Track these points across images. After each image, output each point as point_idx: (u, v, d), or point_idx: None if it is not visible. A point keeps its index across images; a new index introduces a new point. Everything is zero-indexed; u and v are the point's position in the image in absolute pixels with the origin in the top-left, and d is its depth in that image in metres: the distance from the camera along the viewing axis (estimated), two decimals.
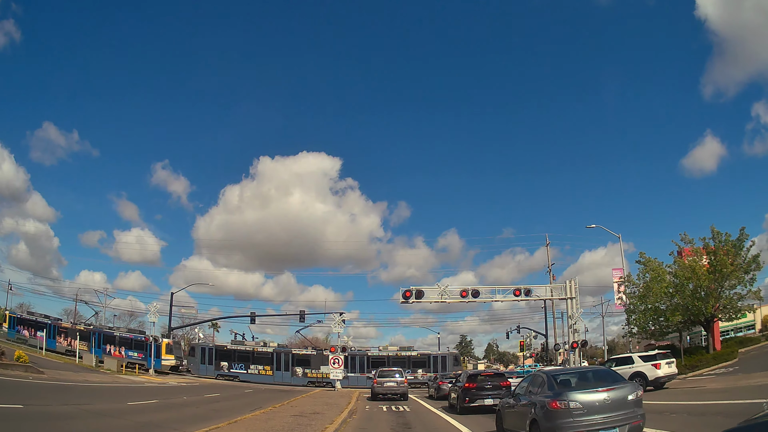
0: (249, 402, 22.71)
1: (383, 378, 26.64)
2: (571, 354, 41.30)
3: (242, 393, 31.08)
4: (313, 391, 33.84)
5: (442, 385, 27.25)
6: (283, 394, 30.29)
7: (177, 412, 17.31)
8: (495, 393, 18.55)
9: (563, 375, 10.05)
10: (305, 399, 24.12)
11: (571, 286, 41.12)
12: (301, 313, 58.98)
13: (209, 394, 27.53)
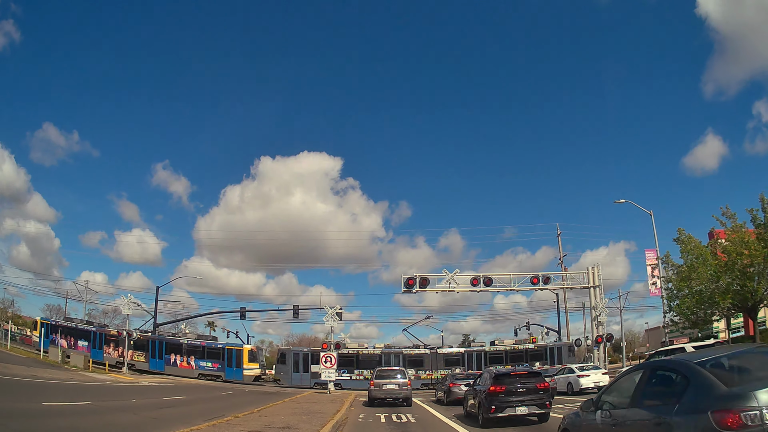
0: (212, 408, 18.08)
1: (382, 379, 22.10)
2: (595, 349, 36.73)
3: (216, 396, 26.46)
4: (302, 394, 29.09)
5: (453, 388, 22.53)
6: (266, 397, 25.66)
7: (96, 418, 13.63)
8: (530, 399, 13.92)
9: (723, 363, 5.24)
10: (284, 405, 19.40)
11: (594, 274, 36.60)
12: (295, 308, 54.72)
13: (171, 397, 22.98)
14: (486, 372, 16.07)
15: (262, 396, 27.27)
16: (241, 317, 56.74)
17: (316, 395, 27.70)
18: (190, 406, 19.37)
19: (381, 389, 21.58)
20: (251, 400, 22.93)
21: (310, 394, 28.28)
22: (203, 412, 16.50)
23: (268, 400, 22.63)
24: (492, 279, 33.24)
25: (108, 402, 18.59)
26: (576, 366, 29.38)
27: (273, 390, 34.27)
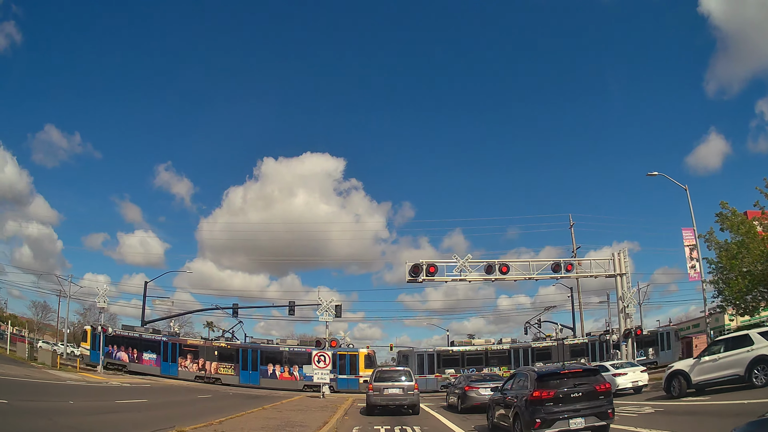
0: (165, 416, 14.21)
1: (383, 382, 18.14)
2: (623, 345, 32.63)
3: (187, 401, 22.52)
4: (291, 398, 25.05)
5: (470, 392, 18.46)
6: (247, 402, 21.72)
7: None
8: (588, 407, 9.97)
9: None
10: (258, 414, 15.39)
11: (621, 260, 32.48)
12: (291, 303, 50.85)
13: (129, 400, 19.16)
14: (523, 372, 11.91)
15: (245, 401, 23.30)
16: (234, 314, 53.19)
17: (307, 400, 23.65)
18: (140, 413, 15.61)
19: (382, 394, 17.56)
20: (224, 406, 18.95)
21: (300, 399, 24.23)
22: (148, 421, 12.91)
23: (247, 406, 18.65)
24: (509, 266, 29.12)
25: (35, 402, 15.32)
26: (610, 363, 25.35)
27: (280, 394, 30.30)
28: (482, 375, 22.24)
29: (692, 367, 17.26)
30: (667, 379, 18.23)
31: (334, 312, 28.84)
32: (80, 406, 15.85)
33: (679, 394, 17.46)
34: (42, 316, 73.25)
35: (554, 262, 31.07)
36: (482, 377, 20.21)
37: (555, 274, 31.19)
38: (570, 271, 31.52)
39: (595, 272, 32.84)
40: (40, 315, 72.98)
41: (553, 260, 31.27)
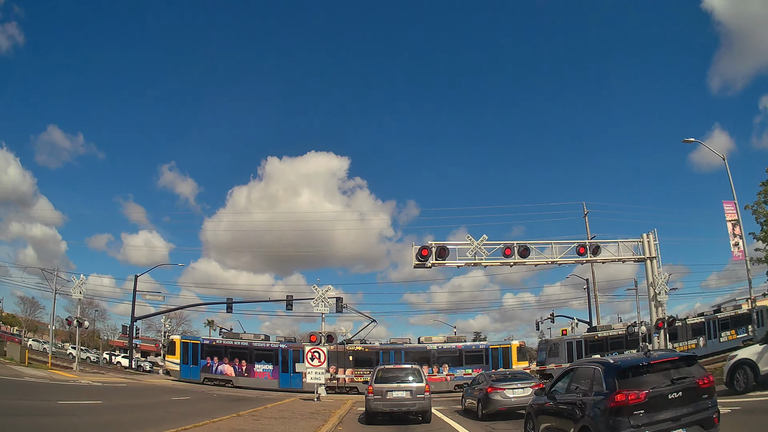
0: (99, 423, 10.74)
1: (385, 383, 14.68)
2: (655, 336, 29.10)
3: (156, 404, 19.08)
4: (277, 403, 21.57)
5: (493, 395, 14.96)
6: (224, 406, 18.36)
7: None
8: (692, 413, 6.67)
9: None
10: (226, 425, 11.94)
11: (650, 242, 28.88)
12: (288, 298, 47.49)
13: (80, 401, 15.78)
14: (589, 365, 8.26)
15: (225, 404, 19.95)
16: (228, 310, 50.21)
17: (298, 404, 20.18)
18: (75, 416, 12.57)
19: (384, 398, 14.09)
20: (192, 412, 15.51)
21: (290, 403, 20.74)
22: (73, 427, 9.43)
23: (221, 411, 15.27)
24: (529, 248, 25.51)
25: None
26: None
27: (274, 396, 26.90)
28: (505, 373, 18.62)
29: (760, 355, 14.24)
30: (731, 370, 15.00)
31: (330, 303, 25.42)
32: (8, 404, 12.56)
33: (745, 388, 14.36)
34: (30, 312, 70.37)
35: (579, 244, 27.46)
36: (506, 376, 16.66)
37: (580, 258, 27.59)
38: (596, 254, 27.89)
39: (623, 256, 29.19)
40: (29, 311, 70.08)
41: (578, 242, 27.63)
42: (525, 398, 15.00)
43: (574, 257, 27.63)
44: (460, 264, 25.09)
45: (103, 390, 23.74)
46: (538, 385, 15.54)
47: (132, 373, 45.54)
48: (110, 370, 45.68)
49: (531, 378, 16.11)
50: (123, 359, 56.67)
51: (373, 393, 14.26)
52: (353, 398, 24.94)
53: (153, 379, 40.07)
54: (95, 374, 34.88)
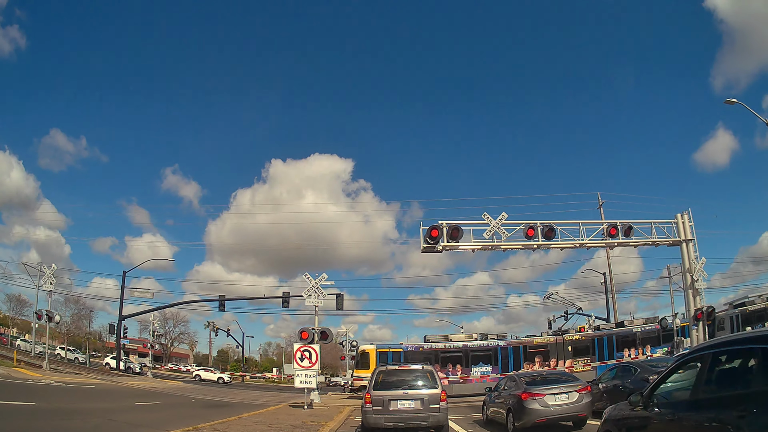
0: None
1: (389, 390, 11.17)
2: (694, 329, 25.69)
3: (114, 409, 15.67)
4: (260, 411, 18.17)
5: (529, 402, 11.50)
6: (209, 412, 14.98)
7: None
8: None
9: None
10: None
11: (685, 224, 25.42)
12: (285, 295, 44.10)
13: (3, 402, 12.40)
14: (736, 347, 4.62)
15: (198, 411, 16.57)
16: (220, 307, 47.12)
17: (281, 413, 16.73)
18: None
19: (387, 410, 10.62)
20: (138, 423, 12.07)
21: (272, 412, 17.28)
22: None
23: (176, 422, 11.84)
24: (554, 229, 22.05)
25: None
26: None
27: (265, 401, 23.58)
28: (540, 374, 15.01)
29: None
30: None
31: (324, 293, 22.00)
32: None
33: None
34: (17, 311, 67.26)
35: (609, 224, 24.01)
36: (543, 377, 13.15)
37: (611, 240, 24.15)
38: (629, 235, 24.42)
39: (657, 239, 25.66)
40: (15, 309, 66.95)
41: (608, 222, 24.14)
42: (570, 406, 11.63)
43: (604, 240, 24.21)
44: (476, 246, 21.64)
45: (59, 391, 20.77)
46: (586, 387, 12.12)
47: (118, 374, 42.35)
48: (93, 371, 42.44)
49: (574, 379, 12.67)
50: (112, 360, 53.64)
51: (371, 403, 10.77)
52: (354, 404, 21.55)
53: (137, 381, 36.88)
54: (68, 374, 31.78)
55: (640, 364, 14.21)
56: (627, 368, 14.55)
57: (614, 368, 15.34)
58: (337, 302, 39.44)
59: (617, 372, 14.77)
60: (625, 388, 13.51)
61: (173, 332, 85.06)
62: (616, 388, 13.95)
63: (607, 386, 14.39)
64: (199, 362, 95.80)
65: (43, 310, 31.62)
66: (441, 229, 20.65)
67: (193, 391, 31.84)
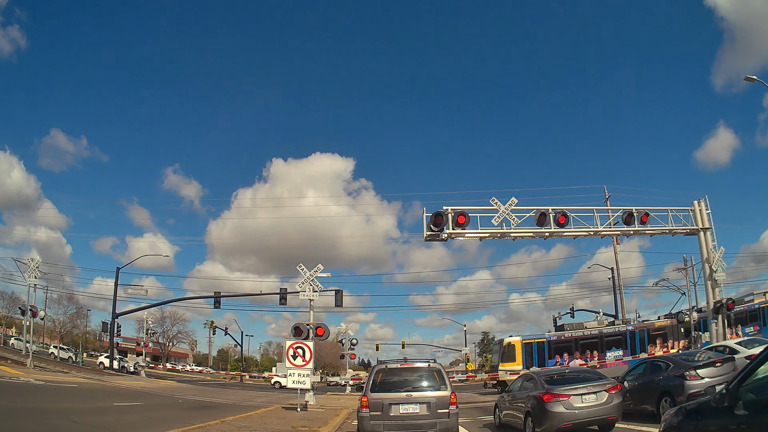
0: None
1: (388, 393, 9.52)
2: (713, 322, 24.23)
3: (91, 409, 14.16)
4: (255, 412, 16.62)
5: (552, 404, 9.95)
6: (189, 415, 13.43)
7: None
8: None
9: None
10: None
11: (702, 211, 23.87)
12: (282, 291, 42.56)
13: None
14: None
15: (170, 414, 15.01)
16: (216, 305, 45.55)
17: (269, 417, 15.15)
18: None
19: (387, 416, 9.00)
20: (105, 426, 10.54)
21: (260, 415, 15.70)
22: None
23: (146, 428, 10.27)
24: (567, 216, 20.46)
25: None
26: (737, 342, 17.05)
27: (259, 402, 22.04)
28: (561, 372, 13.31)
29: None
30: None
31: (320, 286, 20.44)
32: None
33: None
34: (10, 309, 65.66)
35: (625, 211, 22.41)
36: (565, 376, 11.54)
37: (626, 228, 22.57)
38: (645, 223, 22.84)
39: (674, 227, 24.08)
40: (8, 308, 65.39)
41: (624, 209, 22.54)
42: (599, 408, 10.06)
43: (620, 227, 22.63)
44: (483, 234, 20.04)
45: (34, 389, 19.53)
46: (615, 386, 10.54)
47: (111, 374, 40.88)
48: (84, 370, 40.99)
49: (601, 377, 11.08)
50: (106, 359, 52.18)
51: (369, 407, 9.21)
52: (353, 406, 19.98)
53: (127, 380, 35.38)
54: (53, 373, 30.41)
55: (672, 359, 12.56)
56: (656, 363, 12.94)
57: (641, 363, 13.72)
58: (336, 298, 37.92)
59: (645, 368, 13.13)
60: (656, 387, 11.94)
61: (171, 331, 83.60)
62: (644, 387, 12.33)
63: (633, 384, 12.77)
64: (198, 362, 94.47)
65: (27, 305, 30.14)
66: (446, 216, 19.05)
67: (185, 391, 30.34)
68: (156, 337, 76.71)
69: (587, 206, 21.96)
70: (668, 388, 11.49)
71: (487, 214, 20.05)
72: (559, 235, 21.00)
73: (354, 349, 46.50)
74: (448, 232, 19.12)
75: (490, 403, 18.18)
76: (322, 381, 58.87)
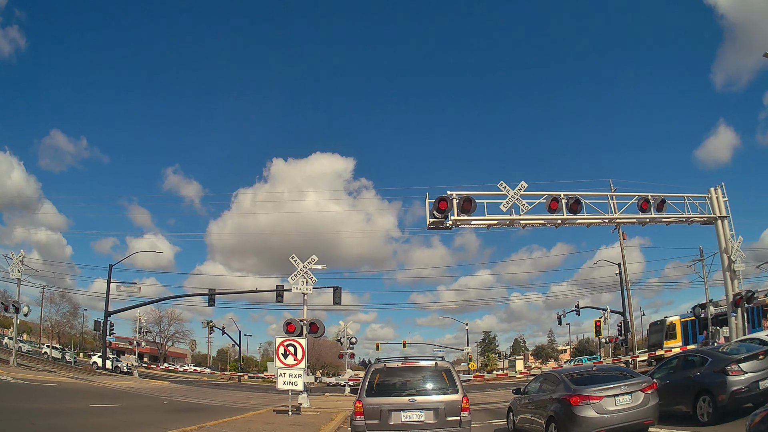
0: None
1: (387, 397, 7.99)
2: (732, 316, 22.72)
3: (55, 411, 12.72)
4: (242, 416, 15.13)
5: (582, 407, 8.44)
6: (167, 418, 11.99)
7: None
8: None
9: None
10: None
11: (719, 199, 22.44)
12: (279, 288, 41.13)
13: None
14: None
15: (149, 417, 13.55)
16: (210, 302, 44.17)
17: (256, 422, 13.67)
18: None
19: (386, 425, 7.51)
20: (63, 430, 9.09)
21: (246, 420, 14.21)
22: None
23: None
24: (581, 201, 18.97)
25: None
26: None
27: (254, 404, 20.62)
28: (588, 369, 11.67)
29: None
30: None
31: (314, 279, 18.96)
32: None
33: None
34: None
35: (641, 197, 20.88)
36: (597, 374, 9.99)
37: (642, 215, 21.05)
38: (662, 209, 21.32)
39: (691, 215, 22.61)
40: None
41: (640, 195, 21.02)
42: (635, 411, 8.63)
43: (635, 213, 21.13)
44: (491, 222, 18.51)
45: (6, 388, 18.27)
46: (651, 385, 9.05)
47: (102, 374, 39.48)
48: (74, 370, 39.56)
49: (634, 374, 9.61)
50: (99, 359, 50.77)
51: (364, 415, 7.73)
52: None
53: (117, 381, 33.95)
54: (38, 372, 29.25)
55: (710, 353, 11.04)
56: (689, 358, 11.41)
57: (674, 358, 12.18)
58: (334, 295, 36.57)
59: (676, 363, 11.59)
60: (692, 384, 10.41)
61: (168, 331, 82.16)
62: (677, 385, 10.75)
63: (663, 383, 11.13)
64: (198, 362, 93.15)
65: (11, 300, 28.73)
66: (450, 201, 17.55)
67: (176, 392, 28.89)
68: (153, 337, 75.39)
69: (601, 191, 20.38)
70: (707, 386, 9.98)
71: (494, 201, 18.52)
72: (572, 222, 19.50)
73: (353, 348, 45.03)
74: (453, 218, 17.63)
75: (500, 404, 16.75)
76: (317, 382, 57.45)
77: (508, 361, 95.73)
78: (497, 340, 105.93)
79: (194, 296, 51.78)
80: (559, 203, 18.61)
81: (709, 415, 9.72)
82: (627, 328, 44.35)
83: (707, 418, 9.74)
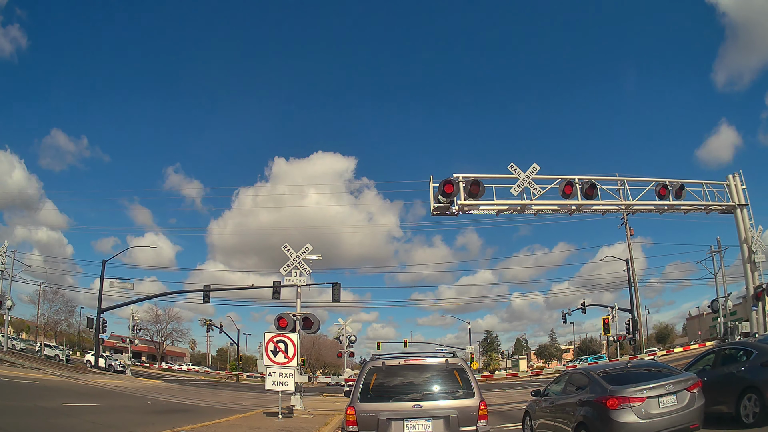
0: None
1: (387, 403, 6.57)
2: (753, 310, 21.35)
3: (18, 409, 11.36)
4: (226, 419, 13.76)
5: (621, 411, 7.05)
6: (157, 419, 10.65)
7: None
8: None
9: None
10: None
11: (737, 187, 21.09)
12: (275, 285, 39.72)
13: None
14: None
15: (127, 418, 12.22)
16: (205, 299, 42.66)
17: (239, 427, 12.29)
18: None
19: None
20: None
21: (230, 423, 12.83)
22: None
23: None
24: (596, 186, 17.58)
25: None
26: None
27: (243, 405, 19.31)
28: (624, 366, 9.96)
29: None
30: None
31: (309, 270, 17.56)
32: None
33: None
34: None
35: (658, 183, 19.48)
36: (635, 372, 8.47)
37: (660, 202, 19.66)
38: (680, 196, 19.94)
39: (710, 202, 21.23)
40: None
41: (658, 180, 19.62)
42: (680, 414, 7.29)
43: (652, 200, 19.74)
44: (501, 207, 17.09)
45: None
46: (697, 383, 7.67)
47: (93, 372, 38.18)
48: (64, 368, 38.17)
49: (675, 371, 8.21)
50: (92, 357, 49.56)
51: (357, 425, 6.38)
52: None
53: (106, 379, 32.59)
54: (21, 369, 28.14)
55: (756, 345, 9.57)
56: (730, 353, 9.95)
57: (710, 352, 10.72)
58: (333, 292, 35.20)
59: (715, 359, 10.12)
60: (737, 381, 8.98)
61: (166, 329, 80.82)
62: (717, 382, 9.26)
63: (701, 379, 9.68)
64: (197, 361, 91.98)
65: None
66: (457, 184, 16.14)
67: (166, 391, 27.54)
68: (150, 336, 74.11)
69: (616, 176, 18.97)
70: (755, 383, 8.52)
71: (503, 185, 17.13)
72: (587, 209, 18.12)
73: (353, 347, 43.71)
74: (459, 203, 16.23)
75: (510, 406, 15.38)
76: (312, 381, 56.09)
77: (510, 361, 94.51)
78: (499, 340, 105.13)
79: (189, 292, 50.25)
80: (573, 188, 17.24)
81: (755, 415, 8.30)
82: (635, 326, 43.05)
83: (753, 418, 8.32)
